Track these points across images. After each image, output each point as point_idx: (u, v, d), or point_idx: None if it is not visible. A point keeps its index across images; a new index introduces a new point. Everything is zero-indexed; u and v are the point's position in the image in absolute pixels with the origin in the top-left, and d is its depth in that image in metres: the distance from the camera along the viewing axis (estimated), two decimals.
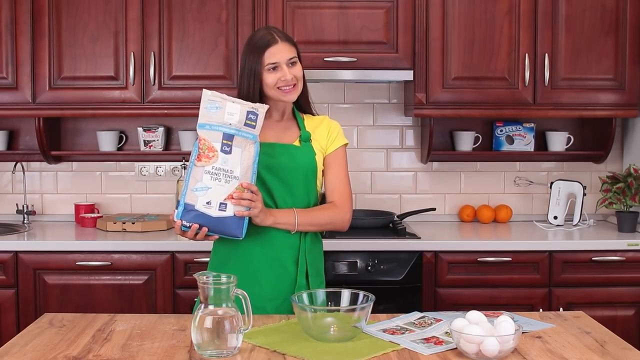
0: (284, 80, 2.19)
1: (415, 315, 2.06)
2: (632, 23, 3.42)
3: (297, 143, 2.26)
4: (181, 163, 3.65)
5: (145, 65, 3.39)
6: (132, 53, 3.37)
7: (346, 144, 2.33)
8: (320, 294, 1.94)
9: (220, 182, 2.03)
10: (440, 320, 1.99)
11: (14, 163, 3.61)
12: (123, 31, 3.38)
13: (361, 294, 1.90)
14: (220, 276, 1.74)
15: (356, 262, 3.13)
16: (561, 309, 3.16)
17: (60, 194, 3.76)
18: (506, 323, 1.73)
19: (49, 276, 3.15)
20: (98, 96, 3.40)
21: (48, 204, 3.76)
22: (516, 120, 3.66)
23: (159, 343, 1.84)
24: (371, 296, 1.86)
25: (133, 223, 3.39)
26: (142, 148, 3.62)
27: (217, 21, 3.38)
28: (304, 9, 3.35)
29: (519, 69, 3.41)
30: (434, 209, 3.65)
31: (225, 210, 2.04)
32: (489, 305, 3.01)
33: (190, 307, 3.10)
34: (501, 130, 3.66)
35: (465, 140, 3.64)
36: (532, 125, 3.66)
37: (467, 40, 3.40)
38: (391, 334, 1.89)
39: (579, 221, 3.59)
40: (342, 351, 1.75)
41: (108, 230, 3.40)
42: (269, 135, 2.23)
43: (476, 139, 3.68)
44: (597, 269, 3.21)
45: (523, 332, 1.89)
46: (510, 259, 3.19)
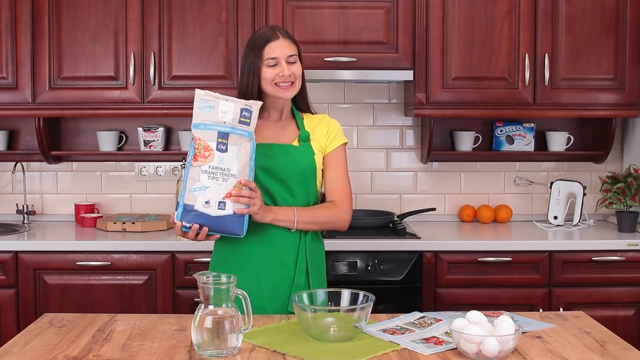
0: (282, 76, 2.18)
1: (415, 315, 2.06)
2: (632, 23, 3.42)
3: (296, 143, 2.24)
4: (181, 163, 3.65)
5: (145, 65, 3.39)
6: (132, 53, 3.37)
7: (346, 143, 2.32)
8: (320, 294, 1.94)
9: (217, 181, 2.03)
10: (440, 320, 1.99)
11: (14, 163, 3.61)
12: (123, 31, 3.38)
13: (361, 294, 1.90)
14: (220, 276, 1.74)
15: (356, 262, 3.13)
16: (561, 309, 3.15)
17: (60, 194, 3.75)
18: (506, 323, 1.73)
19: (49, 276, 3.15)
20: (98, 96, 3.40)
21: (48, 204, 3.76)
22: (516, 120, 3.66)
23: (159, 343, 1.84)
24: (371, 296, 1.86)
25: (133, 223, 3.39)
26: (142, 148, 3.62)
27: (217, 21, 3.38)
28: (304, 9, 3.35)
29: (519, 69, 3.41)
30: (434, 209, 3.65)
31: (224, 209, 2.04)
32: (489, 305, 3.00)
33: (190, 307, 3.10)
34: (501, 130, 3.66)
35: (465, 140, 3.64)
36: (532, 125, 3.66)
37: (467, 40, 3.40)
38: (391, 334, 1.89)
39: (579, 221, 3.59)
40: (342, 351, 1.75)
41: (108, 230, 3.40)
42: (267, 136, 2.22)
43: (476, 139, 3.68)
44: (597, 269, 3.21)
45: (523, 332, 1.89)
46: (510, 259, 3.19)
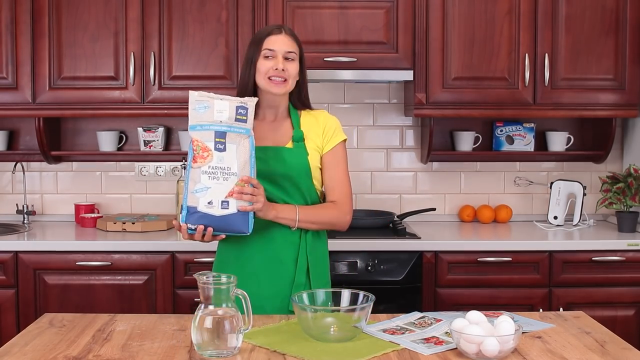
0: (275, 69, 2.16)
1: (415, 315, 2.06)
2: (632, 23, 3.42)
3: (290, 144, 2.22)
4: (181, 163, 3.64)
5: (145, 65, 3.39)
6: (132, 53, 3.37)
7: (345, 140, 2.29)
8: (320, 294, 1.94)
9: (218, 181, 2.03)
10: (440, 320, 1.99)
11: (14, 163, 3.61)
12: (123, 31, 3.38)
13: (361, 294, 1.90)
14: (220, 276, 1.74)
15: (356, 262, 3.13)
16: (561, 309, 3.15)
17: (60, 194, 3.75)
18: (506, 323, 1.73)
19: (49, 276, 3.15)
20: (98, 96, 3.40)
21: (48, 204, 3.76)
22: (516, 120, 3.66)
23: (159, 343, 1.84)
24: (371, 296, 1.86)
25: (133, 223, 3.39)
26: (142, 148, 3.62)
27: (217, 21, 3.38)
28: (304, 9, 3.35)
29: (519, 69, 3.41)
30: (434, 209, 3.65)
31: (228, 208, 2.03)
32: (489, 305, 3.00)
33: (190, 307, 3.10)
34: (501, 130, 3.66)
35: (465, 140, 3.63)
36: (532, 125, 3.65)
37: (467, 40, 3.40)
38: (391, 334, 1.89)
39: (579, 221, 3.59)
40: (342, 351, 1.75)
41: (108, 230, 3.40)
42: (260, 137, 2.19)
43: (476, 139, 3.68)
44: (597, 269, 3.21)
45: (523, 332, 1.89)
46: (510, 259, 3.19)
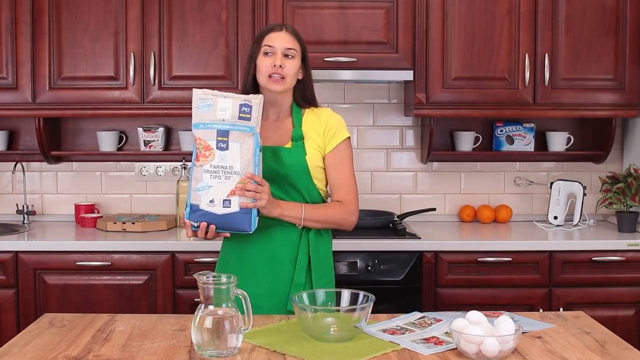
0: (274, 66, 2.16)
1: (415, 315, 2.06)
2: (632, 23, 3.42)
3: (289, 144, 2.22)
4: (181, 163, 3.64)
5: (145, 65, 3.39)
6: (132, 53, 3.37)
7: (348, 138, 2.26)
8: (320, 294, 1.94)
9: (220, 180, 2.03)
10: (440, 320, 1.99)
11: (14, 163, 3.61)
12: (123, 31, 3.38)
13: (361, 294, 1.90)
14: (220, 276, 1.74)
15: (356, 262, 3.13)
16: (561, 309, 3.15)
17: (60, 194, 3.75)
18: (506, 323, 1.73)
19: (49, 276, 3.15)
20: (98, 96, 3.40)
21: (48, 204, 3.76)
22: (516, 120, 3.66)
23: (159, 343, 1.84)
24: (371, 296, 1.86)
25: (133, 223, 3.39)
26: (142, 148, 3.62)
27: (217, 21, 3.38)
28: (304, 9, 3.35)
29: (519, 69, 3.40)
30: (434, 209, 3.65)
31: (229, 207, 2.03)
32: (489, 305, 3.00)
33: (190, 307, 3.10)
34: (501, 131, 3.66)
35: (465, 140, 3.63)
36: (532, 125, 3.65)
37: (467, 40, 3.40)
38: (391, 334, 1.89)
39: (579, 221, 3.59)
40: (342, 351, 1.75)
41: (108, 231, 3.39)
42: (263, 137, 2.18)
43: (476, 139, 3.68)
44: (597, 269, 3.21)
45: (523, 332, 1.89)
46: (510, 259, 3.19)
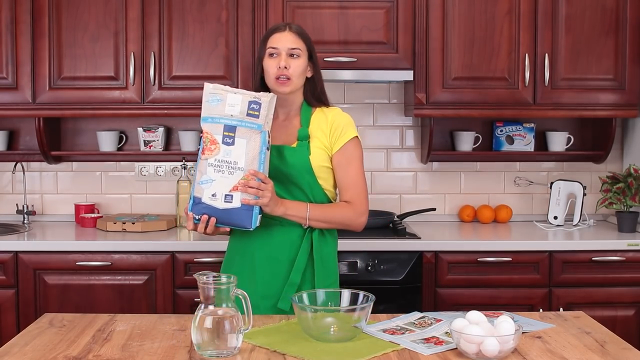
0: (278, 68, 2.16)
1: (415, 315, 2.06)
2: (632, 23, 3.42)
3: (294, 143, 2.22)
4: (181, 163, 3.64)
5: (145, 65, 3.39)
6: (132, 53, 3.37)
7: (356, 137, 2.24)
8: (320, 294, 1.94)
9: (223, 174, 2.03)
10: (440, 320, 1.99)
11: (14, 163, 3.61)
12: (123, 31, 3.37)
13: (361, 294, 1.90)
14: (220, 276, 1.74)
15: (356, 262, 3.13)
16: (561, 309, 3.15)
17: (60, 194, 3.75)
18: (506, 323, 1.73)
19: (49, 276, 3.15)
20: (98, 96, 3.40)
21: (48, 204, 3.75)
22: (516, 120, 3.66)
23: (159, 343, 1.84)
24: (371, 296, 1.86)
25: (133, 223, 3.39)
26: (142, 148, 3.62)
27: (217, 21, 3.38)
28: (304, 9, 3.35)
29: (519, 69, 3.40)
30: (434, 209, 3.65)
31: (231, 202, 2.04)
32: (489, 305, 3.00)
33: (190, 307, 3.10)
34: (501, 131, 3.66)
35: (465, 140, 3.63)
36: (532, 125, 3.65)
37: (467, 40, 3.40)
38: (391, 334, 1.89)
39: (579, 221, 3.59)
40: (342, 351, 1.75)
41: (108, 231, 3.39)
42: (272, 137, 2.19)
43: (476, 139, 3.68)
44: (597, 269, 3.21)
45: (523, 332, 1.89)
46: (510, 259, 3.19)
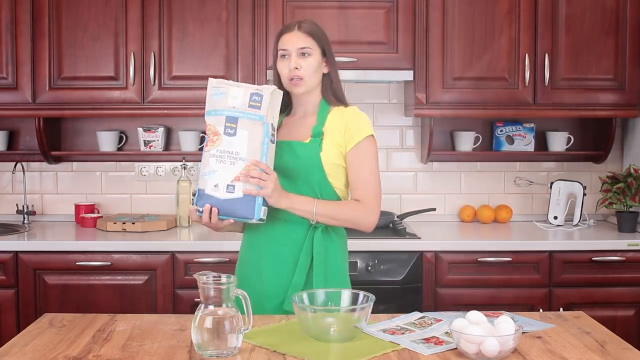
0: (289, 68, 2.17)
1: (415, 315, 2.06)
2: (632, 23, 3.42)
3: (308, 140, 2.19)
4: (181, 163, 3.64)
5: (145, 66, 3.39)
6: (132, 53, 3.37)
7: (371, 136, 2.19)
8: (320, 294, 1.94)
9: (225, 164, 2.04)
10: (441, 320, 1.99)
11: (14, 163, 3.61)
12: (123, 31, 3.37)
13: (361, 294, 1.90)
14: (220, 276, 1.74)
15: (356, 262, 3.13)
16: (561, 309, 3.15)
17: (60, 194, 3.75)
18: (506, 323, 1.73)
19: (49, 276, 3.15)
20: (98, 96, 3.40)
21: (48, 204, 3.75)
22: (516, 120, 3.66)
23: (159, 343, 1.84)
24: (371, 296, 1.86)
25: (133, 223, 3.39)
26: (142, 148, 3.62)
27: (217, 21, 3.38)
28: (304, 9, 3.35)
29: (519, 69, 3.40)
30: (434, 209, 3.65)
31: (233, 192, 2.04)
32: (489, 306, 3.00)
33: (190, 307, 3.10)
34: (501, 131, 3.66)
35: (465, 140, 3.63)
36: (532, 125, 3.65)
37: (467, 40, 3.40)
38: (391, 334, 1.89)
39: (579, 221, 3.59)
40: (342, 351, 1.75)
41: (108, 231, 3.39)
42: (287, 133, 2.21)
43: (476, 139, 3.68)
44: (597, 269, 3.21)
45: (523, 332, 1.89)
46: (510, 259, 3.19)
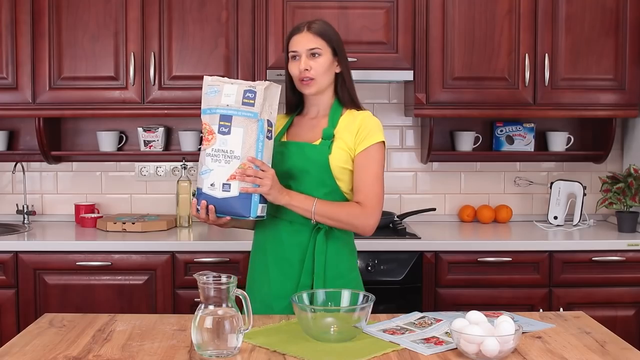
0: (300, 70, 2.17)
1: (415, 315, 2.06)
2: (632, 23, 3.42)
3: (318, 141, 2.19)
4: (181, 163, 3.64)
5: (145, 66, 3.39)
6: (132, 53, 3.37)
7: (381, 142, 2.20)
8: (320, 294, 1.94)
9: (220, 163, 2.04)
10: (440, 320, 1.99)
11: (14, 163, 3.61)
12: (123, 31, 3.37)
13: (361, 294, 1.90)
14: (220, 276, 1.74)
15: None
16: (561, 309, 3.15)
17: (60, 194, 3.75)
18: (506, 323, 1.73)
19: (49, 276, 3.15)
20: (98, 96, 3.40)
21: (48, 204, 3.75)
22: (516, 120, 3.66)
23: (159, 343, 1.84)
24: (371, 296, 1.86)
25: (133, 223, 3.39)
26: (142, 148, 3.62)
27: (217, 21, 3.38)
28: (304, 9, 3.35)
29: (519, 69, 3.40)
30: (434, 209, 3.65)
31: (229, 191, 2.04)
32: (489, 306, 3.00)
33: (190, 307, 3.10)
34: (501, 131, 3.66)
35: (465, 140, 3.63)
36: (532, 125, 3.65)
37: (467, 40, 3.40)
38: (391, 334, 1.89)
39: (579, 221, 3.59)
40: (342, 351, 1.75)
41: (108, 231, 3.39)
42: (294, 133, 2.22)
43: (476, 139, 3.68)
44: (597, 269, 3.21)
45: (523, 332, 1.89)
46: (510, 259, 3.19)
